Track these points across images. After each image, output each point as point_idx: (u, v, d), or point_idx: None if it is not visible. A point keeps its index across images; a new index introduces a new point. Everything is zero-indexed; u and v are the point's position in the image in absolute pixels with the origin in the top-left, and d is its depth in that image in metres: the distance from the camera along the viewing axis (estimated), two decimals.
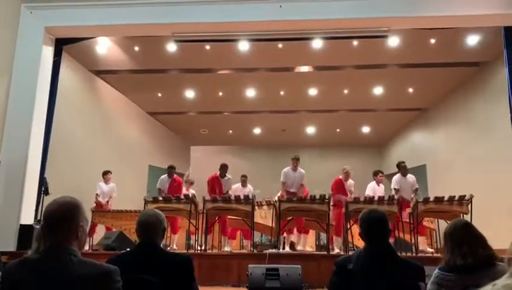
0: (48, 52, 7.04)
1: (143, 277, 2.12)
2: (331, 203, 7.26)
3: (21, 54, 6.77)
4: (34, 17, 6.84)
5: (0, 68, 6.60)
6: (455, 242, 2.12)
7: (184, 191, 8.03)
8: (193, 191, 8.70)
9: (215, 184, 7.52)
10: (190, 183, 9.09)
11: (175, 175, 8.07)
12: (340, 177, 7.40)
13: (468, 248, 2.05)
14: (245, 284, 5.04)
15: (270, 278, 4.83)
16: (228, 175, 7.68)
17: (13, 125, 6.52)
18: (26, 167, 6.43)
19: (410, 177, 7.65)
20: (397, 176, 7.63)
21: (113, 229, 8.06)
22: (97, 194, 8.59)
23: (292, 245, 7.70)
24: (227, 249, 7.28)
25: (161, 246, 2.41)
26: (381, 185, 7.86)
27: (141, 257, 2.24)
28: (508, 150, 8.00)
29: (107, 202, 8.65)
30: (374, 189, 7.71)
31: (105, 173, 8.75)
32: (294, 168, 7.36)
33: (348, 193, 7.26)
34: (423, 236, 7.38)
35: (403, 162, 7.71)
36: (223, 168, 7.62)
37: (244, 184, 8.41)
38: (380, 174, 7.96)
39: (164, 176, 8.03)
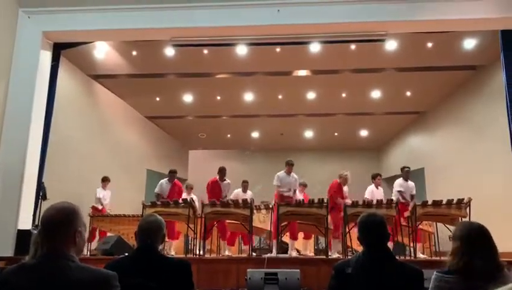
0: (46, 56, 7.03)
1: (141, 281, 2.12)
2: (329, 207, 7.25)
3: (19, 58, 6.75)
4: (32, 21, 6.84)
5: None
6: (470, 246, 2.01)
7: (185, 196, 7.99)
8: (194, 196, 8.67)
9: (215, 188, 7.49)
10: (190, 188, 9.06)
11: (176, 180, 7.88)
12: (339, 181, 7.38)
13: (485, 258, 1.96)
14: (244, 288, 5.03)
15: (269, 282, 4.82)
16: (227, 179, 7.66)
17: (11, 129, 6.49)
18: (24, 172, 6.40)
19: (410, 182, 7.77)
20: (400, 180, 7.74)
21: (108, 234, 8.06)
22: (99, 198, 8.66)
23: (298, 250, 7.71)
24: (227, 253, 7.26)
25: (159, 251, 2.41)
26: (380, 188, 7.88)
27: (140, 262, 2.23)
28: (505, 152, 8.01)
29: (103, 207, 8.69)
30: (372, 192, 7.72)
31: (105, 179, 8.78)
32: (289, 173, 7.32)
33: (345, 197, 7.27)
34: (419, 243, 7.35)
35: (408, 167, 7.84)
36: (222, 171, 7.59)
37: (244, 190, 8.40)
38: (379, 177, 7.99)
39: (164, 181, 7.81)
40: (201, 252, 6.80)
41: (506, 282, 1.86)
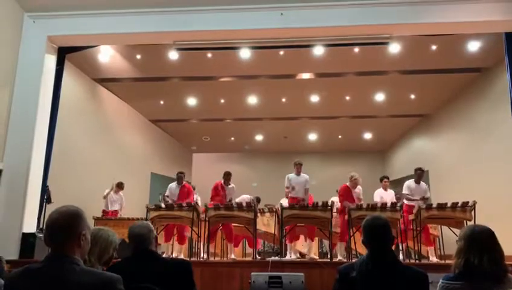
0: (51, 60, 7.07)
1: (145, 285, 2.12)
2: (336, 210, 7.21)
3: (24, 62, 6.80)
4: (37, 26, 6.89)
5: (3, 77, 6.64)
6: (477, 248, 2.00)
7: None
8: (198, 197, 8.66)
9: (220, 192, 7.50)
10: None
11: (184, 182, 7.90)
12: (347, 184, 7.34)
13: (488, 258, 1.96)
14: None
15: (272, 286, 4.81)
16: (232, 184, 7.66)
17: (16, 133, 6.54)
18: (28, 175, 6.44)
19: (423, 184, 7.50)
20: (410, 182, 7.45)
21: None
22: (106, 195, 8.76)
23: (302, 254, 7.68)
24: (232, 256, 7.24)
25: (160, 253, 2.42)
26: (389, 190, 7.79)
27: (141, 265, 2.24)
28: (510, 155, 7.97)
29: (116, 210, 8.76)
30: (381, 195, 7.63)
31: (119, 185, 8.89)
32: (298, 173, 7.36)
33: (356, 200, 7.15)
34: (431, 246, 7.23)
35: (420, 169, 7.49)
36: (227, 176, 7.61)
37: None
38: (385, 180, 7.91)
39: (173, 184, 7.85)
40: (205, 256, 6.79)
41: (506, 287, 1.85)
